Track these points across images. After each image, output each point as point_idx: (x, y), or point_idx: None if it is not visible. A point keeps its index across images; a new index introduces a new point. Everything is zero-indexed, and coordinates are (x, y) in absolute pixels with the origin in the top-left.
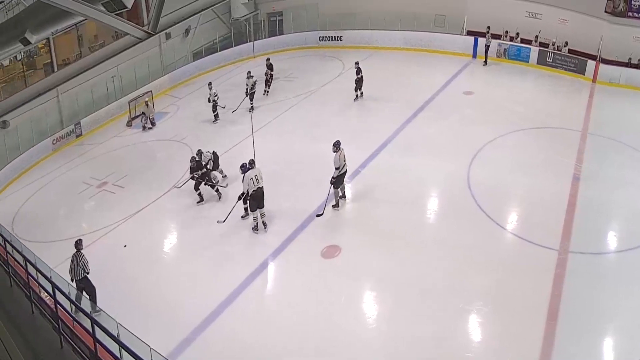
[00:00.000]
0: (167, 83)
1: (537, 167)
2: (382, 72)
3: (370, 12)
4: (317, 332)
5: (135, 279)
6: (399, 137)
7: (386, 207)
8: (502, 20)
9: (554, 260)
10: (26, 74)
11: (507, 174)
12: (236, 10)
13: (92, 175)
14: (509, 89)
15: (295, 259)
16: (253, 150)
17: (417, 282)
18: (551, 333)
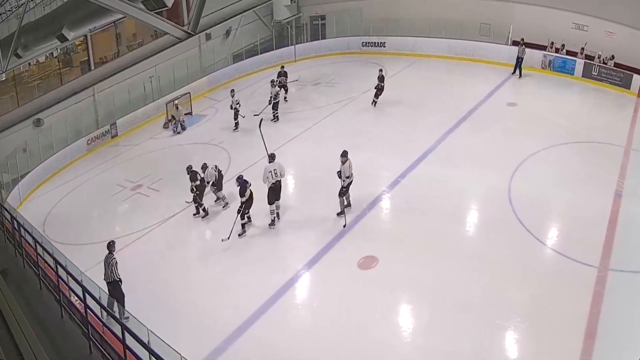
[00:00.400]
0: (206, 85)
1: (579, 182)
2: (425, 81)
3: (414, 18)
4: (351, 344)
5: (167, 285)
6: (440, 147)
7: (425, 218)
8: (548, 31)
9: (594, 278)
10: (62, 71)
11: (548, 188)
12: (278, 12)
13: (127, 177)
14: (553, 101)
15: (331, 268)
16: (265, 149)
17: (454, 295)
18: (588, 352)
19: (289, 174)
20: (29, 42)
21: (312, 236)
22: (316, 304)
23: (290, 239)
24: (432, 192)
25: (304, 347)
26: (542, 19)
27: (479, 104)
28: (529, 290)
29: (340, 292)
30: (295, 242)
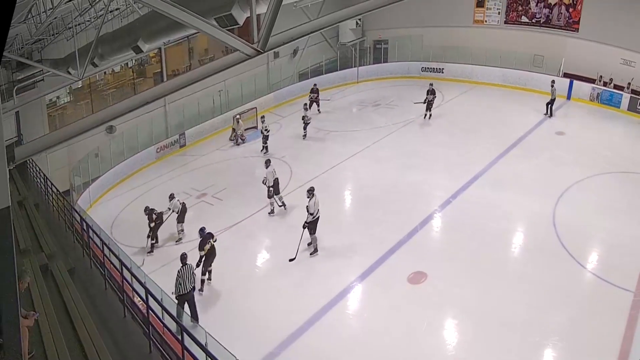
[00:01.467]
0: (272, 101)
1: (620, 210)
2: (479, 107)
3: (472, 47)
4: (398, 355)
5: (225, 291)
6: (490, 171)
7: (473, 238)
8: (597, 65)
9: (629, 302)
10: (136, 81)
11: (591, 215)
12: (344, 35)
13: (193, 185)
14: (599, 132)
15: (383, 281)
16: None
17: (498, 313)
18: None
19: (347, 190)
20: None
21: (366, 250)
22: (367, 314)
23: (345, 252)
24: (480, 214)
25: (353, 356)
26: (593, 54)
27: (528, 131)
28: (568, 310)
29: (390, 305)
30: (349, 255)
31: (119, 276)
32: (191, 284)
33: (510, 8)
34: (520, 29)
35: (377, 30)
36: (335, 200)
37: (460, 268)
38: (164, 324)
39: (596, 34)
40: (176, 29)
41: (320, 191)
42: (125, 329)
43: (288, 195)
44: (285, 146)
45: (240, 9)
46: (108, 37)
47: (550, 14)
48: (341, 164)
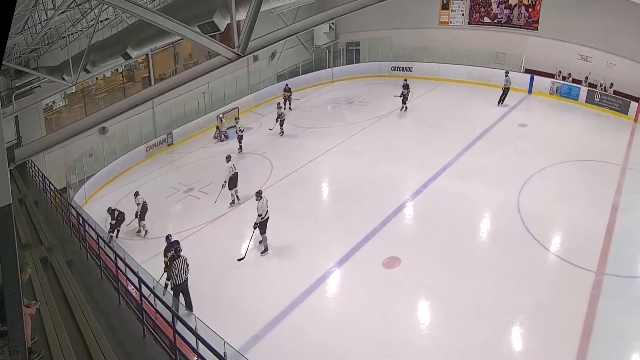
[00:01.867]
0: (253, 101)
1: (580, 197)
2: (446, 103)
3: (438, 47)
4: (375, 334)
5: (213, 279)
6: (457, 163)
7: (443, 225)
8: (556, 61)
9: (591, 281)
10: (126, 85)
11: (553, 202)
12: (318, 38)
13: (180, 181)
14: (559, 124)
15: (359, 266)
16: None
17: (468, 295)
18: (585, 347)
19: (324, 183)
20: (97, 59)
21: (343, 238)
22: (345, 298)
23: (324, 239)
24: (449, 202)
25: (333, 336)
26: (551, 50)
27: (492, 125)
28: (534, 291)
29: (366, 288)
30: (328, 242)
31: (114, 266)
32: (186, 274)
33: (473, 9)
34: (483, 29)
35: (350, 33)
36: (313, 193)
37: (432, 253)
38: (156, 310)
39: (554, 32)
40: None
41: (298, 185)
42: (120, 316)
43: (269, 187)
44: (266, 143)
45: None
46: (99, 45)
47: (510, 14)
48: (318, 159)
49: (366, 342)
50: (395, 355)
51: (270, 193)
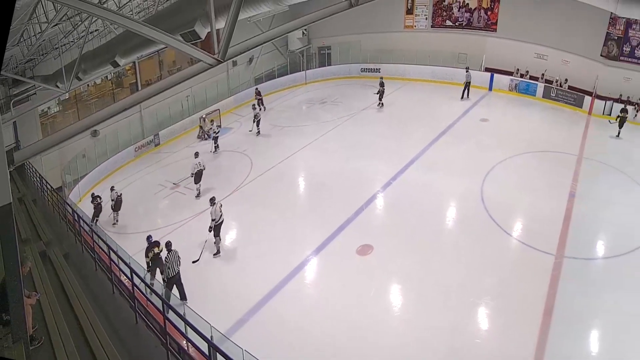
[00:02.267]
0: (233, 103)
1: (539, 185)
2: (412, 101)
3: (404, 49)
4: (351, 316)
5: (200, 268)
6: (424, 156)
7: (412, 214)
8: (514, 59)
9: (551, 264)
10: (115, 91)
11: (513, 190)
12: (292, 43)
13: (167, 178)
14: (518, 118)
15: (335, 254)
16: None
17: (437, 278)
18: (546, 324)
19: (300, 177)
20: (88, 67)
21: (319, 228)
22: (322, 283)
23: (301, 230)
24: (417, 193)
25: (312, 319)
26: (509, 50)
27: (456, 120)
28: (498, 273)
29: (342, 274)
30: (305, 232)
31: (107, 258)
32: (178, 266)
33: (436, 14)
34: (445, 32)
35: (321, 38)
36: (290, 187)
37: (402, 240)
38: (147, 298)
39: (512, 32)
40: (147, 45)
41: (276, 180)
42: (114, 304)
43: (250, 183)
44: (246, 141)
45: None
46: (89, 55)
47: (471, 17)
48: (294, 155)
49: (342, 324)
50: (370, 335)
51: (251, 188)
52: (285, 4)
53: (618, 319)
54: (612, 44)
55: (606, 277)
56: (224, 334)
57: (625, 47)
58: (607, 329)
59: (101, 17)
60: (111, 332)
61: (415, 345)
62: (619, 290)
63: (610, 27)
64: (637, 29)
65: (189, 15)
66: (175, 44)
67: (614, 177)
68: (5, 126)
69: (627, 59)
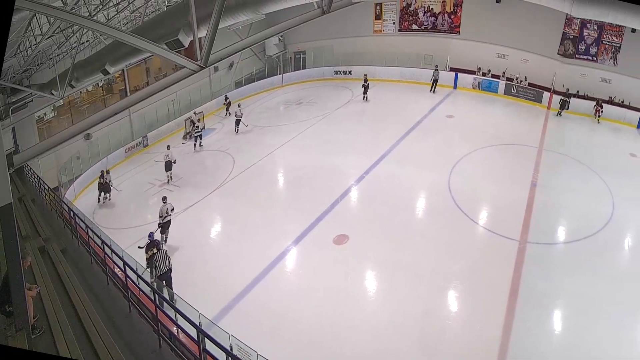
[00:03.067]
0: (215, 106)
1: (503, 176)
2: (382, 100)
3: (373, 52)
4: (329, 302)
5: (188, 259)
6: (394, 151)
7: (384, 205)
8: (476, 59)
9: (515, 249)
10: (105, 97)
11: (479, 181)
12: (269, 49)
13: (156, 177)
14: (482, 114)
15: (313, 245)
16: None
17: (409, 265)
18: (512, 305)
19: (279, 173)
20: (80, 75)
21: (298, 219)
22: (302, 271)
23: (281, 222)
24: (389, 185)
25: (293, 305)
26: (472, 50)
27: (424, 117)
28: (466, 259)
29: (319, 263)
30: (285, 224)
31: (102, 252)
32: (167, 266)
33: (403, 18)
34: (412, 35)
35: (296, 44)
36: (270, 182)
37: (375, 230)
38: (139, 288)
39: (474, 34)
40: (135, 53)
41: (258, 176)
42: (108, 294)
43: (233, 180)
44: (228, 141)
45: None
46: (81, 64)
47: (435, 21)
48: (273, 153)
49: (320, 309)
50: (346, 319)
51: (233, 184)
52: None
53: (578, 299)
54: (568, 43)
55: (567, 261)
56: (211, 320)
57: (580, 46)
58: (568, 309)
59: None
60: (106, 320)
61: (388, 327)
62: (578, 273)
63: (566, 27)
64: (591, 29)
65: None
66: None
67: (573, 168)
68: (5, 132)
69: (583, 57)
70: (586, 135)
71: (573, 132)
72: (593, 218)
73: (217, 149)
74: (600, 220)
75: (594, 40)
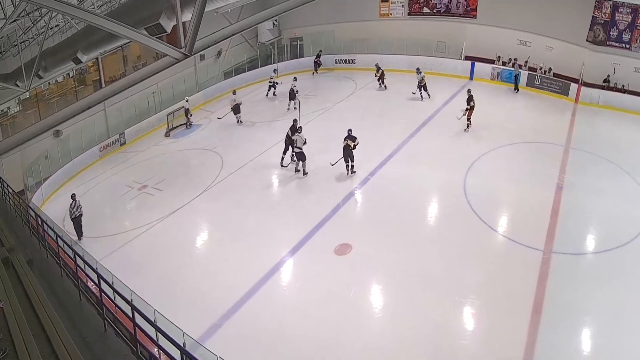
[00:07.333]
0: (201, 99)
1: (525, 177)
2: (389, 92)
3: (380, 38)
4: (330, 318)
5: (171, 270)
6: (403, 149)
7: (392, 210)
8: (495, 47)
9: (539, 259)
10: (77, 89)
11: (498, 182)
12: (262, 35)
13: (134, 179)
14: (502, 107)
15: (311, 254)
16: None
17: (419, 276)
18: (535, 323)
19: (274, 174)
20: (49, 64)
21: (295, 226)
22: (299, 284)
23: (276, 228)
24: (397, 187)
25: (289, 322)
26: (490, 37)
27: (436, 111)
28: (483, 270)
29: (319, 275)
30: (280, 232)
31: (73, 264)
32: (79, 211)
33: (413, 1)
34: (423, 19)
35: (293, 29)
36: (264, 185)
37: (382, 238)
38: (115, 305)
39: (493, 18)
40: (110, 39)
41: (249, 177)
42: (81, 311)
43: (221, 181)
44: (216, 138)
45: (167, 18)
46: (50, 51)
47: (449, 3)
48: (267, 152)
49: (320, 326)
50: (350, 336)
51: (222, 186)
52: None
53: (609, 314)
54: (599, 29)
55: (597, 273)
56: (197, 340)
57: (612, 32)
58: (598, 325)
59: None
60: (79, 340)
61: (396, 346)
62: (609, 286)
63: (596, 10)
64: (624, 12)
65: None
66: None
67: (602, 167)
68: None
69: (615, 44)
70: (617, 131)
71: (603, 128)
72: (626, 224)
73: (204, 147)
74: (634, 226)
75: (627, 25)
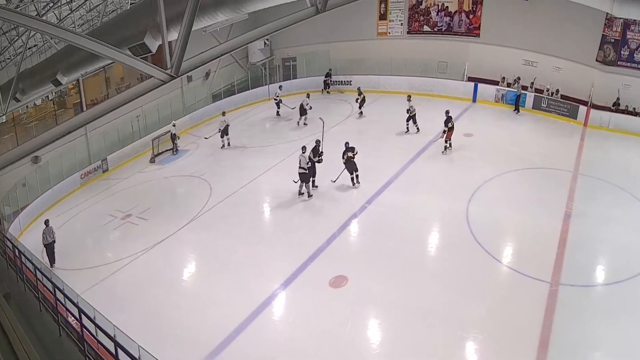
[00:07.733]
0: (189, 123)
1: (531, 205)
2: (388, 115)
3: (377, 58)
4: (325, 355)
5: (156, 305)
6: (402, 175)
7: (390, 240)
8: (499, 67)
9: (546, 292)
10: (57, 112)
11: (503, 210)
12: (253, 55)
13: (117, 207)
14: (507, 131)
15: (305, 287)
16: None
17: (419, 310)
18: (542, 359)
19: (265, 202)
20: (26, 86)
21: (288, 257)
22: (292, 319)
23: (268, 259)
24: (396, 216)
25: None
26: (495, 57)
27: (437, 135)
28: (487, 304)
29: (313, 309)
30: (272, 264)
31: (52, 298)
32: (52, 237)
33: (412, 19)
34: (423, 38)
35: (285, 49)
36: (255, 214)
37: (380, 269)
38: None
39: (497, 37)
40: (92, 60)
41: (239, 206)
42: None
43: (209, 211)
44: (203, 164)
45: (152, 37)
46: (28, 73)
47: (451, 21)
48: (258, 178)
49: None
50: None
51: (210, 215)
52: (244, 11)
53: (620, 351)
54: (609, 48)
55: (606, 306)
56: None
57: (623, 51)
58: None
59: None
60: None
61: None
62: (619, 321)
63: (606, 28)
64: (635, 31)
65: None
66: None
67: (613, 195)
68: None
69: (626, 64)
70: (629, 156)
71: (614, 153)
72: (638, 255)
73: (191, 173)
74: None
75: (639, 44)
